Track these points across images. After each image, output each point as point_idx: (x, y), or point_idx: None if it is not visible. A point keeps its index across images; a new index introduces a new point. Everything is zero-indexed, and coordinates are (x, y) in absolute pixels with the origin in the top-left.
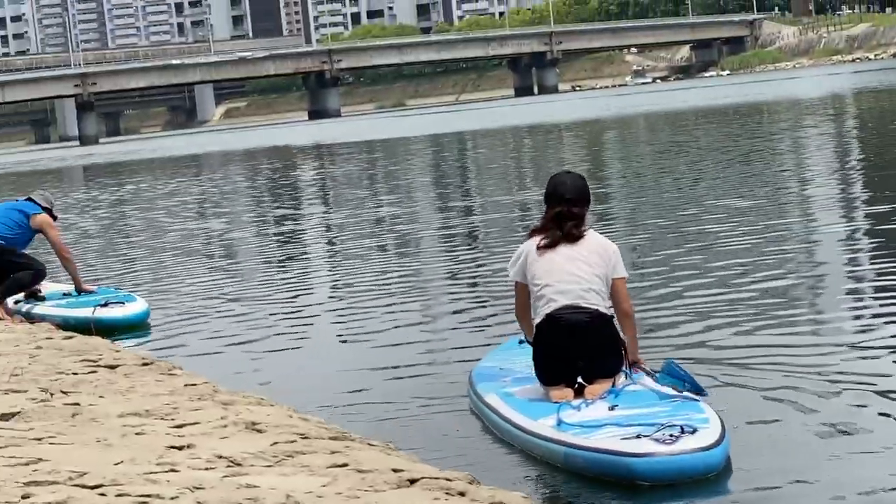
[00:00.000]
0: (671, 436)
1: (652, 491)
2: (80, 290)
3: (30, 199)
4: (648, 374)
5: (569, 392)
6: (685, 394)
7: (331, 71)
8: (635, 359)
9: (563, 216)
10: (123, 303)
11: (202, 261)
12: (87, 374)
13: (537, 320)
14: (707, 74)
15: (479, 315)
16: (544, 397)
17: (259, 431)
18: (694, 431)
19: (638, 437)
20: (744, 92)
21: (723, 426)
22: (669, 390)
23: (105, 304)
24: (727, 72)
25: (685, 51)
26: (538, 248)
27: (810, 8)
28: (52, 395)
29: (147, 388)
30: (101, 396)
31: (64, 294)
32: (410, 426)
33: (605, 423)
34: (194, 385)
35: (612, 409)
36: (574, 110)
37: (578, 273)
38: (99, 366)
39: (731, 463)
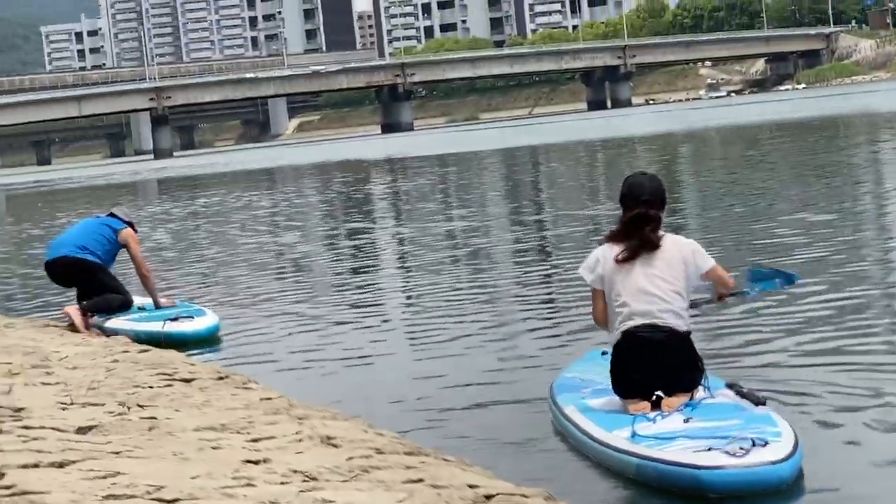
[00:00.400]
0: (742, 448)
1: None
2: (157, 307)
3: (112, 215)
4: (738, 293)
5: (646, 405)
6: (757, 408)
7: (404, 84)
8: (729, 289)
9: (641, 219)
10: (193, 317)
11: (274, 274)
12: (163, 388)
13: (614, 335)
14: (782, 88)
15: (556, 326)
16: (622, 409)
17: (334, 446)
18: (765, 444)
19: (709, 449)
20: (820, 105)
21: (796, 439)
22: (747, 403)
23: (175, 319)
24: (803, 85)
25: (760, 64)
26: (616, 260)
27: (887, 21)
28: (128, 408)
29: (222, 401)
30: (177, 410)
31: (138, 308)
32: (486, 440)
33: (678, 435)
34: (269, 399)
35: (686, 421)
36: (647, 124)
37: (656, 292)
38: (174, 379)
39: (803, 476)
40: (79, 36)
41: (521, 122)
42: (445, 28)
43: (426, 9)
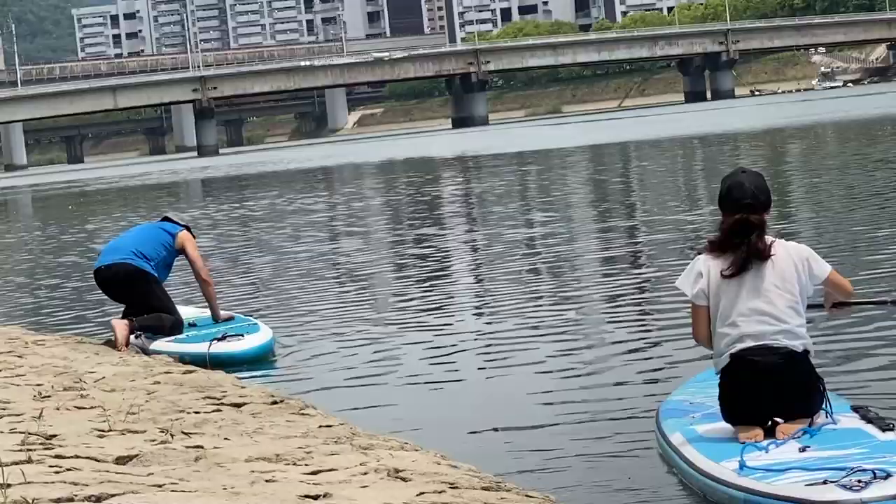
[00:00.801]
0: (859, 482)
1: None
2: (216, 319)
3: (166, 219)
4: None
5: (758, 432)
6: (884, 434)
7: (478, 73)
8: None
9: (744, 226)
10: (243, 335)
11: (333, 286)
12: (211, 413)
13: (722, 358)
14: None
15: (657, 346)
16: (734, 437)
17: (403, 479)
18: (887, 477)
19: (824, 482)
20: None
21: None
22: (873, 429)
23: (222, 338)
24: None
25: (881, 50)
26: (723, 275)
27: None
28: (172, 435)
29: (277, 429)
30: (226, 438)
31: (189, 324)
32: (579, 473)
33: (791, 466)
34: (329, 426)
35: (802, 450)
36: (753, 118)
37: (769, 310)
38: (223, 404)
39: None
40: (114, 19)
41: (609, 115)
42: (524, 10)
43: None
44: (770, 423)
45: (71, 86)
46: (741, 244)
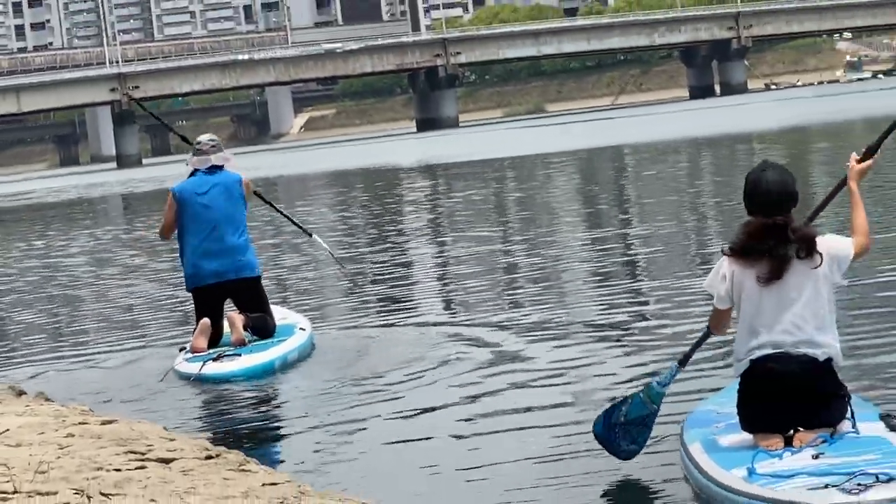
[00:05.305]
0: (859, 485)
1: None
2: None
3: (212, 168)
4: None
5: (778, 440)
6: None
7: (446, 67)
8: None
9: (770, 230)
10: (240, 354)
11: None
12: (134, 471)
13: (741, 363)
14: None
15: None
16: (753, 445)
17: None
18: (889, 481)
19: (825, 486)
20: None
21: None
22: (894, 436)
23: (217, 359)
24: None
25: None
26: (752, 281)
27: None
28: (89, 497)
29: (212, 488)
30: (152, 500)
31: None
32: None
33: (799, 472)
34: (274, 484)
35: (815, 457)
36: (770, 116)
37: (792, 319)
38: (148, 459)
39: None
40: (17, 7)
41: (602, 115)
42: None
43: None
44: (792, 431)
45: None
46: (766, 249)
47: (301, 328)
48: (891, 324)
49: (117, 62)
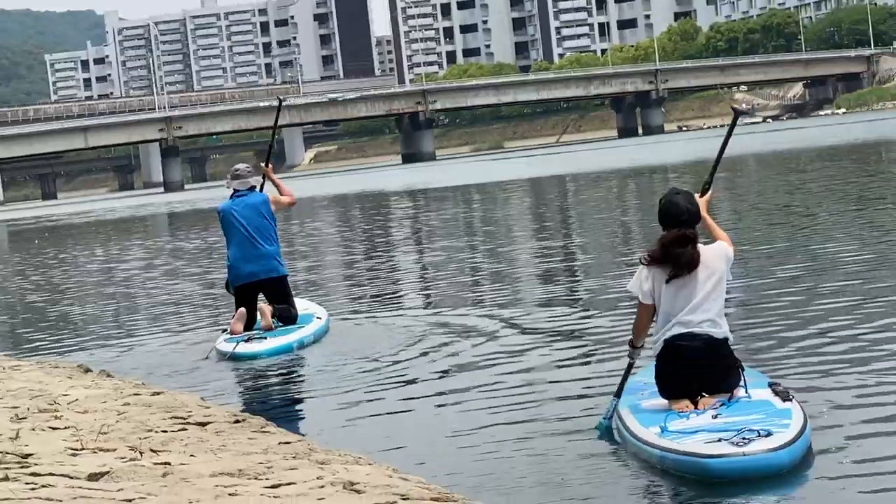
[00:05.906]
0: (744, 439)
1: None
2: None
3: (241, 192)
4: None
5: (687, 403)
6: (784, 403)
7: (425, 112)
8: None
9: (681, 240)
10: (266, 337)
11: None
12: (177, 432)
13: (657, 344)
14: (822, 113)
15: (592, 357)
16: (667, 408)
17: (357, 492)
18: (768, 435)
19: (718, 440)
20: (872, 129)
21: (801, 431)
22: (777, 399)
23: (248, 340)
24: (843, 110)
25: (798, 88)
26: (665, 280)
27: None
28: (141, 453)
29: (239, 446)
30: (192, 455)
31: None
32: (532, 478)
33: (701, 429)
34: (288, 443)
35: (715, 417)
36: (681, 152)
37: (697, 305)
38: (189, 423)
39: (811, 463)
40: (85, 64)
41: (548, 150)
42: (468, 53)
43: (448, 33)
44: (699, 397)
45: (44, 126)
46: (679, 254)
47: (318, 317)
48: (776, 312)
49: (164, 108)
